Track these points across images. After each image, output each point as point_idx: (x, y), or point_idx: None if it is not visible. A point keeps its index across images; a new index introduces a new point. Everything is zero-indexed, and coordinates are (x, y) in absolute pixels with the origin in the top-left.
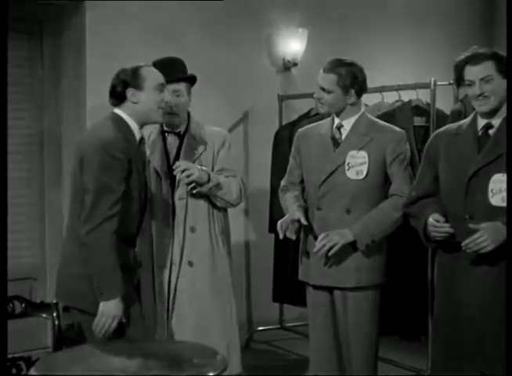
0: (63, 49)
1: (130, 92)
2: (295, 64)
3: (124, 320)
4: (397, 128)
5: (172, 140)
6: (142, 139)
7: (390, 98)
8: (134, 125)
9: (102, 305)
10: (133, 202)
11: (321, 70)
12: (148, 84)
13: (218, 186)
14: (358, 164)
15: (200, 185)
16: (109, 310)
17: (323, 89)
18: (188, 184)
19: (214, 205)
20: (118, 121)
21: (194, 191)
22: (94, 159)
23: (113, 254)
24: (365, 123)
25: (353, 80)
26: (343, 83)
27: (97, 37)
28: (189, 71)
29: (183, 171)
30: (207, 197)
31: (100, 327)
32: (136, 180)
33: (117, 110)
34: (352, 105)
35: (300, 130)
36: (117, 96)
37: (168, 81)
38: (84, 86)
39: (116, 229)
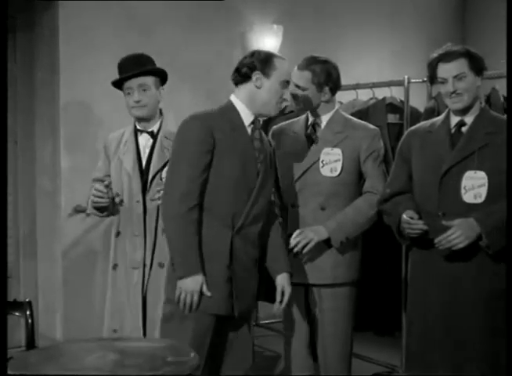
0: (36, 44)
1: (256, 75)
2: None
3: (209, 294)
4: (371, 126)
5: (145, 140)
6: (254, 123)
7: (364, 95)
8: (244, 109)
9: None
10: (229, 181)
11: (295, 68)
12: (276, 75)
13: None
14: (332, 162)
15: None
16: (185, 286)
17: (298, 86)
18: None
19: None
20: (226, 104)
21: None
22: (178, 133)
23: (189, 232)
24: (340, 120)
25: (327, 77)
26: (317, 80)
27: (70, 32)
28: (164, 68)
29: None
30: None
31: (182, 303)
32: (231, 160)
33: (232, 96)
34: (326, 102)
35: (274, 127)
36: (243, 75)
37: (134, 75)
38: (58, 81)
39: (197, 207)
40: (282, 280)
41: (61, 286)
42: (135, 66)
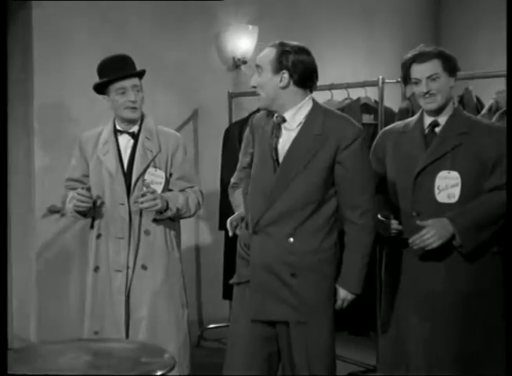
0: (9, 45)
1: None
2: (245, 62)
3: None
4: None
5: (126, 140)
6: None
7: (339, 96)
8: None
9: None
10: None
11: None
12: None
13: (177, 211)
14: None
15: (160, 212)
16: None
17: None
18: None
19: None
20: None
21: (157, 217)
22: None
23: None
24: None
25: None
26: None
27: (44, 32)
28: (140, 68)
29: (146, 201)
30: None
31: None
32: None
33: None
34: None
35: (255, 116)
36: None
37: (127, 76)
38: (32, 81)
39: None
40: (338, 291)
41: (35, 287)
42: (130, 67)
